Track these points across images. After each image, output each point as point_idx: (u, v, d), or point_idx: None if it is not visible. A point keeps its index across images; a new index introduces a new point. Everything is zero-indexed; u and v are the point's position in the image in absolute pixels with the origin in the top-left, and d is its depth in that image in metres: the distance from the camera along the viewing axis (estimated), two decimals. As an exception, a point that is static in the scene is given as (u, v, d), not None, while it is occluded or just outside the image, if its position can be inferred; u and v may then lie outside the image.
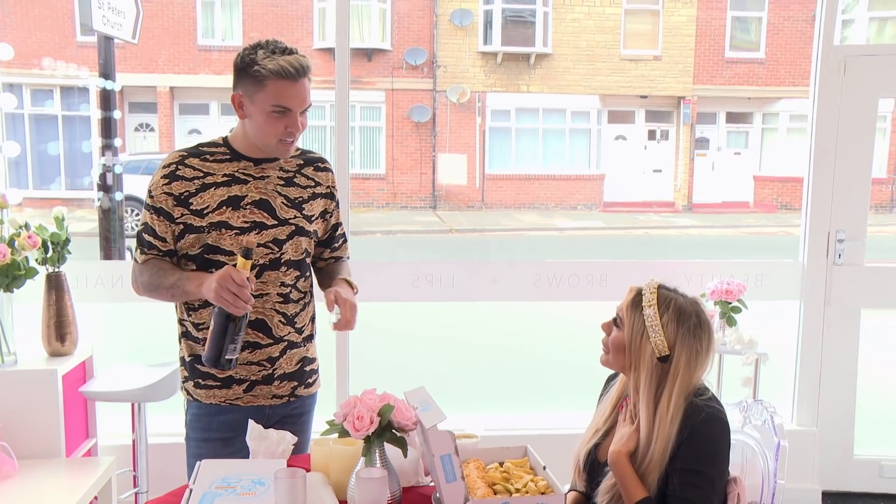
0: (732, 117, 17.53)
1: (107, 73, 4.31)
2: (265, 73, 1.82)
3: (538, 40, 16.62)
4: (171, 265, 1.96)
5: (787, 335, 3.58)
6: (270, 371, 2.00)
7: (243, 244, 1.75)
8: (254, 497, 1.58)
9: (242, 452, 1.89)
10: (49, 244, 2.69)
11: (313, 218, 2.03)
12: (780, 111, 17.35)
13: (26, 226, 2.65)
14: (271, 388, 2.01)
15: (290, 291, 2.00)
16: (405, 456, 1.62)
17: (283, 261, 1.97)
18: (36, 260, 2.69)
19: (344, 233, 2.19)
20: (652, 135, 17.52)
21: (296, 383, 2.06)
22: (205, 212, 1.90)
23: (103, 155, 4.39)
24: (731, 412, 1.95)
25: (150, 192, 1.94)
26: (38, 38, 14.44)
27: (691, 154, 17.25)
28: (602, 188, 17.14)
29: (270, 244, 1.94)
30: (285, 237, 1.96)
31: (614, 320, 1.77)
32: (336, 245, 2.16)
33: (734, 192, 17.22)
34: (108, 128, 4.37)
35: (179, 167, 1.92)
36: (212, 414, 2.00)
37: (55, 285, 2.74)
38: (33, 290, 2.72)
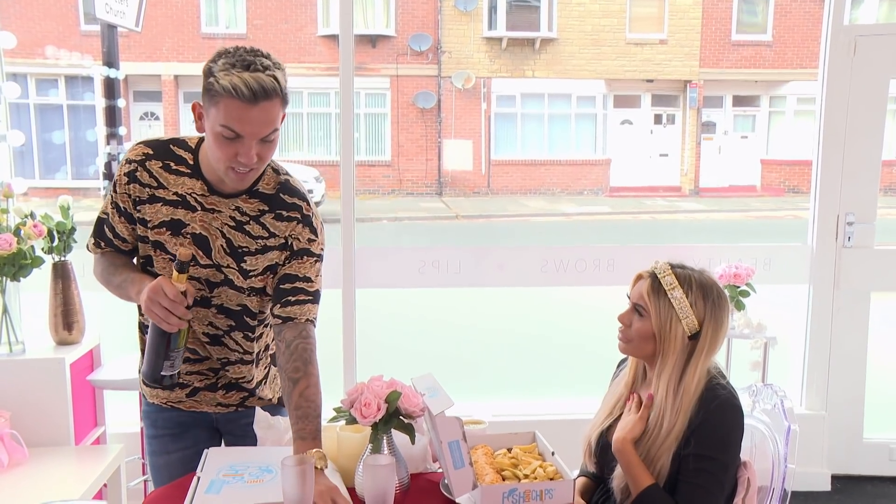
0: (739, 101, 17.44)
1: (111, 61, 4.30)
2: (217, 89, 1.51)
3: (543, 25, 16.53)
4: (125, 260, 1.78)
5: (796, 319, 3.56)
6: (214, 380, 1.84)
7: (178, 257, 1.56)
8: (261, 484, 1.58)
9: (196, 447, 1.83)
10: (55, 233, 2.69)
11: (252, 274, 1.72)
12: (787, 94, 17.24)
13: (32, 215, 2.65)
14: (216, 395, 1.85)
15: (223, 336, 1.78)
16: (413, 442, 1.61)
17: (213, 303, 1.74)
18: (42, 249, 2.69)
19: (309, 291, 1.71)
20: (658, 119, 17.43)
21: (245, 394, 1.87)
22: (148, 224, 1.71)
23: (108, 144, 4.39)
24: (740, 396, 1.94)
25: (114, 184, 1.74)
26: (41, 27, 14.43)
27: (698, 138, 17.17)
28: (608, 173, 17.09)
29: (203, 281, 1.72)
30: (217, 282, 1.72)
31: (636, 310, 1.72)
32: (290, 299, 1.69)
33: (741, 175, 17.16)
34: (112, 116, 4.36)
35: (139, 169, 1.69)
36: (159, 411, 1.89)
37: (61, 274, 2.74)
38: (40, 280, 2.73)
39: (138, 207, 1.70)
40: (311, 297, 1.71)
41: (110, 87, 4.35)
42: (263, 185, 1.71)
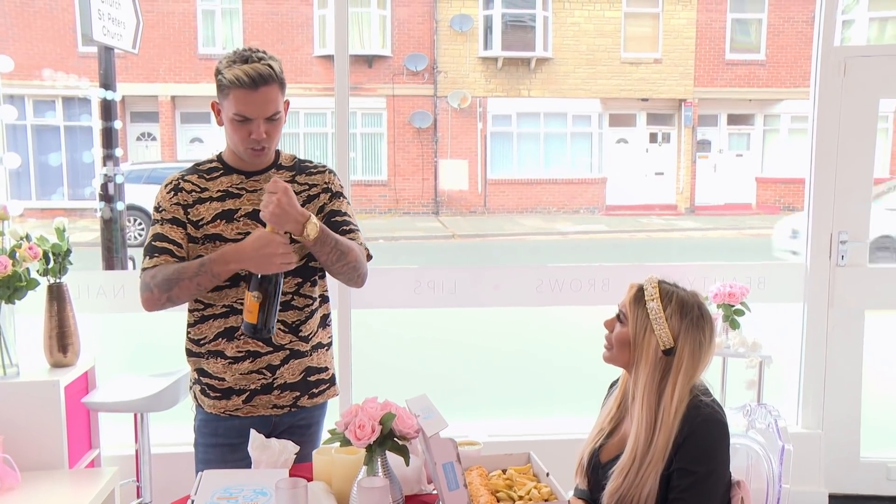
0: (734, 119, 17.53)
1: (107, 83, 4.32)
2: (225, 83, 1.85)
3: (538, 45, 16.64)
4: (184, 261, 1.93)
5: (791, 338, 3.57)
6: (270, 380, 1.99)
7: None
8: (256, 507, 1.57)
9: (250, 458, 1.89)
10: (50, 255, 2.69)
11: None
12: (781, 112, 17.34)
13: (27, 237, 2.64)
14: (271, 397, 2.00)
15: (292, 298, 1.99)
16: (407, 464, 1.61)
17: None
18: (37, 271, 2.69)
19: (353, 223, 2.05)
20: (653, 138, 17.51)
21: (298, 393, 2.04)
22: (200, 223, 1.95)
23: (105, 165, 4.40)
24: (735, 416, 1.95)
25: (158, 208, 1.96)
26: (39, 50, 14.49)
27: (693, 156, 17.24)
28: (604, 192, 17.13)
29: None
30: None
31: (618, 317, 1.78)
32: (344, 229, 2.01)
33: (736, 194, 17.21)
34: (109, 138, 4.37)
35: (180, 182, 1.98)
36: (218, 420, 2.01)
37: (57, 296, 2.74)
38: (35, 302, 2.72)
39: (188, 210, 1.95)
40: (357, 229, 2.05)
41: (107, 109, 4.37)
42: (283, 160, 2.04)
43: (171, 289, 1.86)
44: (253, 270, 1.81)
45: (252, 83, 1.82)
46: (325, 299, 2.11)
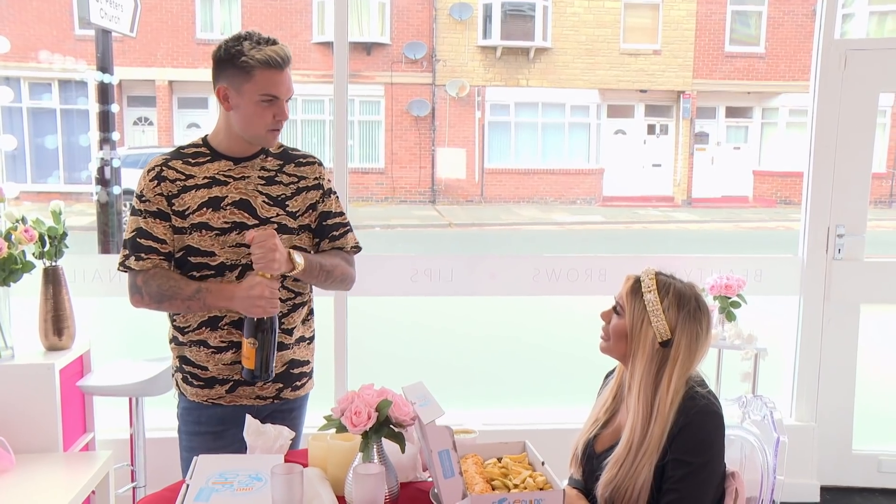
0: (732, 112, 17.51)
1: (105, 66, 4.30)
2: (253, 64, 1.83)
3: (538, 34, 16.59)
4: (179, 274, 1.92)
5: (787, 330, 3.58)
6: None
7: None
8: (251, 492, 1.57)
9: (234, 445, 1.88)
10: (46, 238, 2.67)
11: (298, 214, 1.99)
12: (779, 106, 17.33)
13: (23, 220, 2.64)
14: (254, 388, 1.99)
15: (279, 288, 1.95)
16: (403, 451, 1.61)
17: None
18: (33, 254, 2.68)
19: (344, 223, 2.08)
20: (651, 129, 17.49)
21: (281, 385, 2.03)
22: (186, 213, 1.91)
23: (101, 149, 4.38)
24: (730, 407, 1.95)
25: (140, 197, 1.92)
26: (35, 32, 14.40)
27: (691, 148, 17.24)
28: (601, 183, 17.12)
29: None
30: None
31: (614, 308, 1.77)
32: (335, 234, 2.05)
33: (733, 186, 17.22)
34: (106, 121, 4.35)
35: (164, 169, 1.92)
36: (201, 408, 2.00)
37: (52, 279, 2.73)
38: (30, 285, 2.71)
39: (172, 201, 1.91)
40: (347, 227, 2.08)
41: (104, 92, 4.35)
42: (270, 148, 2.02)
43: (162, 302, 1.91)
44: (241, 312, 1.84)
45: (282, 63, 1.86)
46: (308, 294, 2.09)
